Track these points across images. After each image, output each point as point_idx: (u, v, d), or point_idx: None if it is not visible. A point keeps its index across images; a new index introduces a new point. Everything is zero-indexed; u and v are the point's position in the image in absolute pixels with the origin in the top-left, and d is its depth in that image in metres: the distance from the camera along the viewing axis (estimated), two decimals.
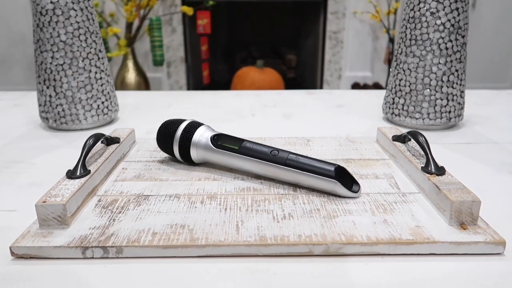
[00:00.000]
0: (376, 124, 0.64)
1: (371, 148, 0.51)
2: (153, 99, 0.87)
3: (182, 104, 0.82)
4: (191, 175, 0.44)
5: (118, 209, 0.36)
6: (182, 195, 0.39)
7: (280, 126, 0.67)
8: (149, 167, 0.46)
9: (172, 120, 0.46)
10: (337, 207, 0.36)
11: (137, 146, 0.53)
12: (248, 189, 0.40)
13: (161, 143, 0.46)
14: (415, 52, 0.60)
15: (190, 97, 0.89)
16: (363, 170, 0.45)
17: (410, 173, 0.42)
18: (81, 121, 0.61)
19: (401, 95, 0.62)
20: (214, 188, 0.40)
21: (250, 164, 0.42)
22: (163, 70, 2.45)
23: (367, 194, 0.39)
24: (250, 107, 0.79)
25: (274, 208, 0.36)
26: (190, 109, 0.78)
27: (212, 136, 0.44)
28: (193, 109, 0.79)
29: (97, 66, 0.62)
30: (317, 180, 0.38)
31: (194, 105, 0.82)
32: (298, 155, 0.40)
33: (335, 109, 0.78)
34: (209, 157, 0.44)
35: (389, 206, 0.37)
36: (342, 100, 0.84)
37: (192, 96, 0.91)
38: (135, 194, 0.39)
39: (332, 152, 0.50)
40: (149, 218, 0.35)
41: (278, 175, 0.41)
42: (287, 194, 0.39)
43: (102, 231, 0.33)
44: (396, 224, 0.34)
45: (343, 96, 0.89)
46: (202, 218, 0.35)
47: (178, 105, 0.81)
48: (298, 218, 0.35)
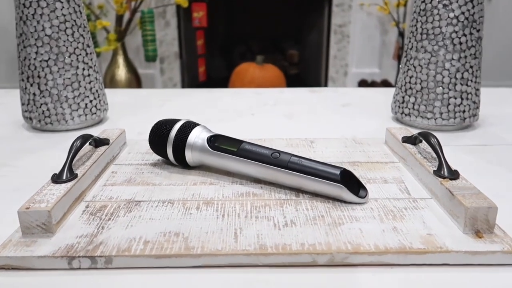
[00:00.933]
0: (384, 125, 0.64)
1: (379, 150, 0.51)
2: (145, 97, 0.87)
3: (176, 102, 0.82)
4: (186, 179, 0.44)
5: (107, 216, 0.36)
6: (176, 200, 0.39)
7: (281, 126, 0.67)
8: (141, 170, 0.46)
9: (165, 120, 0.46)
10: (343, 214, 0.36)
11: (128, 148, 0.53)
12: (247, 194, 0.40)
13: (153, 145, 0.46)
14: (427, 47, 0.60)
15: (185, 95, 0.89)
16: (371, 174, 0.45)
17: (421, 177, 0.42)
18: (68, 121, 0.61)
19: (412, 93, 0.62)
20: (211, 193, 0.40)
21: (250, 168, 0.42)
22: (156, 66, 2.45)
23: (375, 200, 0.39)
24: (249, 106, 0.79)
25: (275, 214, 0.36)
26: (185, 108, 0.78)
27: (209, 137, 0.44)
28: (188, 108, 0.79)
29: (84, 62, 0.62)
30: (321, 184, 0.38)
31: (189, 104, 0.82)
32: (301, 158, 0.40)
33: (341, 108, 0.78)
34: (205, 160, 0.44)
35: (398, 213, 0.37)
36: (348, 98, 0.84)
37: (187, 94, 0.91)
38: (125, 200, 0.39)
39: (337, 155, 0.50)
40: (141, 226, 0.35)
41: (280, 179, 0.41)
42: (289, 199, 0.39)
43: (90, 240, 0.33)
44: (406, 232, 0.34)
45: (349, 94, 0.89)
46: (197, 226, 0.35)
47: (172, 104, 0.81)
48: (300, 225, 0.35)
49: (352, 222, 0.35)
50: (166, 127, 0.45)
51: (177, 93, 0.96)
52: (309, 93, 0.89)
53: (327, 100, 0.84)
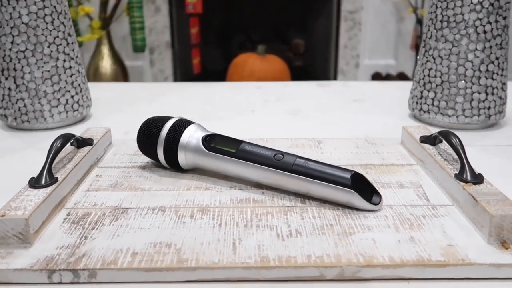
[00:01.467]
0: (400, 123, 0.65)
1: (394, 152, 0.51)
2: (133, 92, 0.87)
3: (167, 98, 0.82)
4: (179, 184, 0.44)
5: (91, 224, 0.37)
6: (167, 207, 0.39)
7: (285, 124, 0.67)
8: (128, 174, 0.46)
9: (155, 117, 0.46)
10: (354, 222, 0.36)
11: (113, 148, 0.53)
12: (247, 200, 0.41)
13: (142, 145, 0.46)
14: (448, 36, 0.60)
15: (177, 89, 0.90)
16: (385, 178, 0.45)
17: (442, 181, 0.42)
18: (47, 119, 0.61)
19: (431, 87, 0.62)
20: (207, 200, 0.41)
21: (250, 171, 0.42)
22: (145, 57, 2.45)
23: (389, 207, 0.39)
24: (250, 101, 0.79)
25: (278, 223, 0.36)
26: (178, 104, 0.78)
27: (204, 137, 0.44)
28: (181, 104, 0.79)
29: (65, 53, 0.62)
30: (330, 189, 0.38)
31: (182, 99, 0.82)
32: (307, 160, 0.40)
33: (352, 104, 0.78)
34: (200, 162, 0.44)
35: (416, 221, 0.37)
36: (360, 93, 0.85)
37: (180, 88, 0.91)
38: (111, 207, 0.39)
39: (348, 156, 0.50)
40: (128, 236, 0.35)
41: (283, 184, 0.41)
42: (294, 206, 0.39)
43: (72, 251, 0.33)
44: (425, 243, 0.34)
45: (361, 88, 0.89)
46: (191, 236, 0.35)
47: (163, 100, 0.81)
48: (307, 235, 0.35)
49: (364, 232, 0.35)
50: (156, 125, 0.45)
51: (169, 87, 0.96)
52: (316, 88, 0.89)
53: (337, 95, 0.84)
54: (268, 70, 2.11)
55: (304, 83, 0.93)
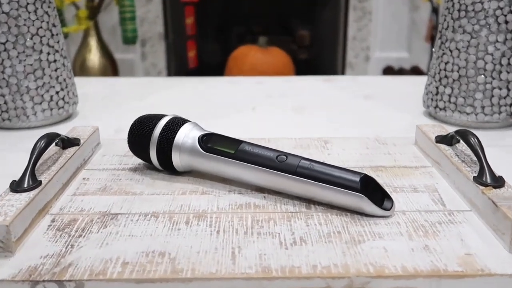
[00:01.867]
0: (414, 121, 0.65)
1: (408, 152, 0.52)
2: (123, 87, 0.87)
3: (161, 94, 0.82)
4: (173, 188, 0.44)
5: (77, 231, 0.37)
6: (161, 213, 0.39)
7: (289, 123, 0.67)
8: (118, 176, 0.46)
9: (148, 115, 0.47)
10: (364, 229, 0.37)
11: (102, 149, 0.53)
12: (247, 205, 0.41)
13: (134, 146, 0.47)
14: (466, 26, 0.60)
15: (171, 85, 0.90)
16: (398, 181, 0.45)
17: (459, 185, 0.42)
18: (29, 117, 0.62)
19: (448, 83, 0.62)
20: (203, 205, 0.41)
21: (250, 173, 0.42)
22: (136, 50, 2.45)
23: (402, 213, 0.39)
24: (250, 98, 0.79)
25: (281, 230, 0.37)
26: (172, 101, 0.78)
27: (201, 136, 0.44)
28: (175, 101, 0.79)
29: (50, 45, 0.62)
30: (338, 193, 0.38)
31: (177, 95, 0.82)
32: (313, 162, 0.40)
33: (361, 101, 0.78)
34: (196, 164, 0.44)
35: (431, 228, 0.37)
36: (371, 89, 0.85)
37: (174, 83, 0.91)
38: (100, 212, 0.39)
39: (357, 157, 0.50)
40: (119, 244, 0.35)
41: (287, 188, 0.41)
42: (298, 212, 0.39)
43: (57, 261, 0.33)
44: (441, 252, 0.34)
45: (372, 84, 0.89)
46: (187, 244, 0.35)
47: (155, 96, 0.81)
48: (312, 243, 0.35)
49: (375, 240, 0.35)
50: (149, 124, 0.45)
51: (162, 82, 0.97)
52: (322, 83, 0.89)
53: (345, 91, 0.84)
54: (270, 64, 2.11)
55: (309, 77, 0.93)
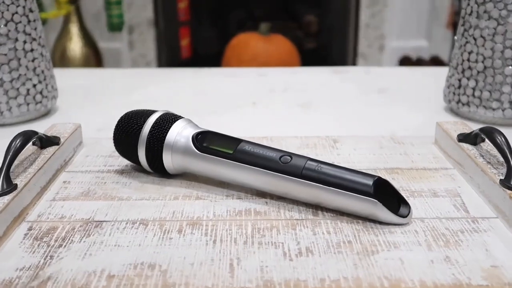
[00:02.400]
0: (434, 118, 0.65)
1: (427, 153, 0.52)
2: (109, 80, 0.88)
3: (150, 87, 0.82)
4: (164, 192, 0.44)
5: (57, 241, 0.37)
6: (151, 221, 0.39)
7: (294, 120, 0.67)
8: (103, 180, 0.46)
9: (136, 111, 0.47)
10: (377, 239, 0.37)
11: (85, 149, 0.53)
12: (247, 212, 0.41)
13: (120, 145, 0.47)
14: (491, 12, 0.60)
15: (162, 77, 0.90)
16: (415, 185, 0.45)
17: (484, 188, 0.42)
18: (3, 113, 0.62)
19: (471, 75, 0.62)
20: (198, 211, 0.41)
21: (250, 176, 0.42)
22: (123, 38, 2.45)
23: (421, 220, 0.39)
24: (251, 92, 0.79)
25: (285, 239, 0.37)
26: (163, 95, 0.78)
27: (195, 135, 0.44)
28: (167, 95, 0.79)
29: (26, 33, 0.62)
30: (348, 198, 0.38)
31: (169, 89, 0.82)
32: (321, 163, 0.40)
33: (375, 95, 0.78)
34: (190, 166, 0.44)
35: (453, 237, 0.37)
36: (385, 82, 0.85)
37: (166, 75, 0.91)
38: (82, 220, 0.40)
39: (370, 158, 0.50)
40: (103, 255, 0.35)
41: (291, 192, 0.41)
42: (304, 219, 0.39)
43: (34, 274, 0.33)
44: (463, 264, 0.34)
45: (387, 76, 0.89)
46: (180, 255, 0.35)
47: (145, 89, 0.81)
48: (320, 254, 0.35)
49: (390, 250, 0.35)
50: (137, 121, 0.45)
51: (152, 74, 0.97)
52: (332, 75, 0.89)
53: (357, 84, 0.84)
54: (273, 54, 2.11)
55: (317, 69, 0.93)
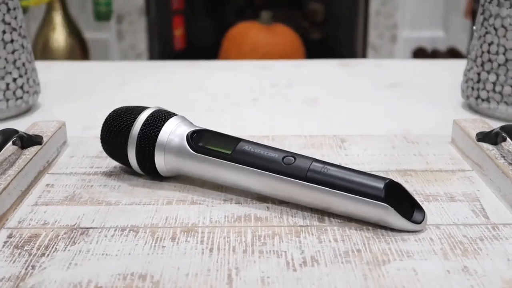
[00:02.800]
0: (451, 115, 0.65)
1: (443, 153, 0.52)
2: (96, 74, 0.87)
3: (141, 81, 0.82)
4: (156, 196, 0.44)
5: (40, 250, 0.37)
6: (141, 227, 0.39)
7: (298, 117, 0.67)
8: (90, 182, 0.46)
9: (125, 108, 0.47)
10: (389, 247, 0.37)
11: (70, 149, 0.53)
12: (247, 217, 0.41)
13: (108, 145, 0.47)
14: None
15: (154, 70, 0.90)
16: (431, 188, 0.45)
17: (506, 192, 0.42)
18: None
19: (492, 68, 0.62)
20: (193, 217, 0.41)
21: (250, 178, 0.42)
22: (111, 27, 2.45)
23: (436, 226, 0.39)
24: (251, 87, 0.79)
25: (288, 248, 0.37)
26: (155, 90, 0.78)
27: (190, 133, 0.44)
28: (159, 90, 0.79)
29: (5, 22, 0.62)
30: (357, 203, 0.38)
31: (161, 83, 0.82)
32: (327, 164, 0.40)
33: (386, 90, 0.78)
34: (184, 167, 0.44)
35: (471, 245, 0.37)
36: (398, 75, 0.85)
37: (158, 69, 0.91)
38: (67, 226, 0.40)
39: (381, 159, 0.50)
40: (90, 264, 0.35)
41: (295, 196, 0.41)
42: (309, 225, 0.39)
43: (15, 285, 0.33)
44: (483, 274, 0.34)
45: (399, 69, 0.89)
46: (173, 264, 0.35)
47: (135, 84, 0.81)
48: (326, 264, 0.35)
49: (403, 260, 0.35)
50: (127, 118, 0.45)
51: (143, 67, 0.97)
52: (339, 68, 0.89)
53: (366, 78, 0.84)
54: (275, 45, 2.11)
55: (323, 61, 0.93)
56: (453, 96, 0.72)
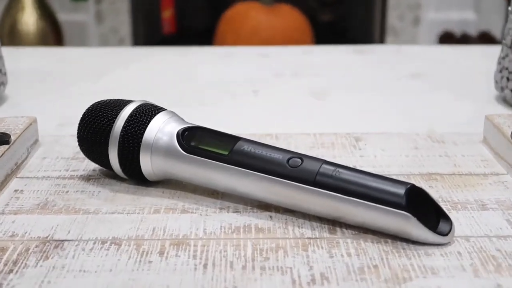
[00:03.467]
0: (483, 110, 0.64)
1: (473, 154, 0.52)
2: (71, 61, 0.87)
3: (124, 71, 0.82)
4: (142, 203, 0.44)
5: (7, 265, 0.37)
6: (125, 240, 0.39)
7: (305, 112, 0.67)
8: (65, 188, 0.46)
9: (106, 102, 0.47)
10: (411, 262, 0.37)
11: (42, 149, 0.53)
12: (247, 228, 0.41)
13: (86, 145, 0.47)
14: None
15: (139, 58, 0.90)
16: (459, 195, 0.45)
17: None
18: None
19: None
20: (184, 227, 0.41)
21: (250, 183, 0.42)
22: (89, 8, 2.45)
23: (465, 239, 0.39)
24: (251, 76, 0.79)
25: (294, 263, 0.37)
26: (140, 81, 0.78)
27: (181, 131, 0.44)
28: (145, 80, 0.79)
29: None
30: (374, 212, 0.38)
31: (147, 73, 0.82)
32: (339, 167, 0.40)
33: (408, 81, 0.78)
34: (174, 170, 0.44)
35: (506, 261, 0.37)
36: (421, 64, 0.84)
37: (143, 56, 0.91)
38: (38, 238, 0.40)
39: (401, 161, 0.50)
40: (65, 283, 0.35)
41: (302, 203, 0.41)
42: (318, 238, 0.39)
43: None
44: None
45: (423, 56, 0.89)
46: (162, 282, 0.35)
47: (117, 74, 0.81)
48: (338, 282, 0.35)
49: (426, 277, 0.35)
50: (108, 114, 0.45)
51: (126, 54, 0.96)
52: (353, 55, 0.89)
53: (385, 67, 0.84)
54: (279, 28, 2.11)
55: (334, 48, 0.93)
56: (485, 88, 0.72)
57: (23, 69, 0.80)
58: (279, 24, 2.12)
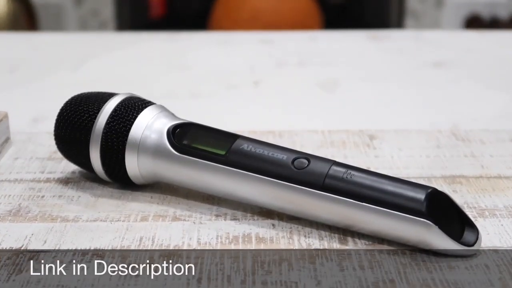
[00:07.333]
0: None
1: (503, 154, 0.52)
2: (47, 48, 0.87)
3: (107, 59, 0.82)
4: (128, 210, 0.44)
5: None
6: (108, 251, 0.39)
7: (313, 106, 0.67)
8: (40, 192, 0.46)
9: (87, 94, 0.47)
10: (431, 276, 0.37)
11: (14, 148, 0.53)
12: (246, 238, 0.41)
13: (64, 144, 0.47)
14: None
15: (124, 44, 0.90)
16: (487, 200, 0.45)
17: None
18: None
19: None
20: (176, 237, 0.41)
21: (250, 187, 0.42)
22: None
23: (494, 250, 0.39)
24: (251, 66, 0.79)
25: (300, 278, 0.37)
26: (125, 71, 0.78)
27: (172, 128, 0.44)
28: (130, 70, 0.79)
29: None
30: (391, 220, 0.39)
31: (133, 62, 0.82)
32: (351, 169, 0.40)
33: (430, 70, 0.78)
34: (164, 172, 0.45)
35: None
36: (445, 51, 0.85)
37: (129, 42, 0.91)
38: (10, 250, 0.40)
39: (421, 162, 0.51)
40: None
41: (309, 210, 0.41)
42: (328, 249, 0.39)
43: None
44: None
45: (447, 43, 0.89)
46: None
47: (99, 62, 0.81)
48: None
49: None
50: (89, 108, 0.45)
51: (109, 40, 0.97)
52: (367, 41, 0.89)
53: (403, 54, 0.84)
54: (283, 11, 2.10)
55: (346, 33, 0.93)
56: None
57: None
58: (283, 7, 2.12)
